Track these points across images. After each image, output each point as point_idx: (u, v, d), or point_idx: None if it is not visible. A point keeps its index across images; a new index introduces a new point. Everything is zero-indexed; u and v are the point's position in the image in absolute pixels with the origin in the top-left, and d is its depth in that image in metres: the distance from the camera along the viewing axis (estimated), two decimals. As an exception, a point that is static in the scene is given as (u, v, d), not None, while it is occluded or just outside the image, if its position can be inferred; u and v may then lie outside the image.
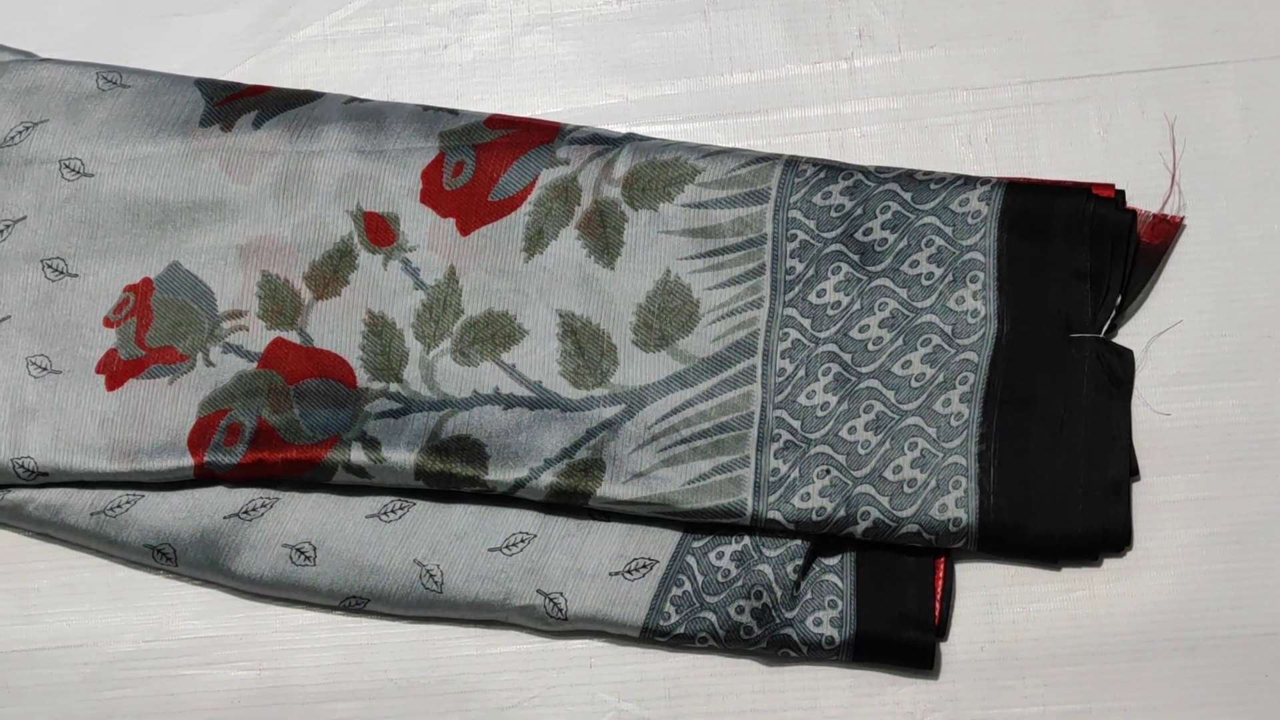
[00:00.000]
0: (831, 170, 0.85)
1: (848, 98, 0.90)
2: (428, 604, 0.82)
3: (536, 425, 0.82)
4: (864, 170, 0.85)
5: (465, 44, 0.93)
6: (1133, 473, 0.81)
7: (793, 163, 0.86)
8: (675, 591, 0.81)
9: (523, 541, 0.82)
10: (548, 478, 0.81)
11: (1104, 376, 0.82)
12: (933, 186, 0.84)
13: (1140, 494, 0.82)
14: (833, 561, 0.81)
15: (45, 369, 0.85)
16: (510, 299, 0.84)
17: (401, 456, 0.82)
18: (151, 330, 0.85)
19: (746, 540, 0.81)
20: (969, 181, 0.84)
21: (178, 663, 0.84)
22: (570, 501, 0.82)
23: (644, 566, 0.82)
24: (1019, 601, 0.81)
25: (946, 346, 0.82)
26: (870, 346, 0.82)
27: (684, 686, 0.82)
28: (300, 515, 0.83)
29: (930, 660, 0.80)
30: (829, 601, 0.80)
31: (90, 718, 0.84)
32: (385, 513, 0.83)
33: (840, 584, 0.81)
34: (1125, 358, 0.83)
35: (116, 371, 0.84)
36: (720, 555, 0.81)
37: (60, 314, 0.85)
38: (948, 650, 0.81)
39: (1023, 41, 0.89)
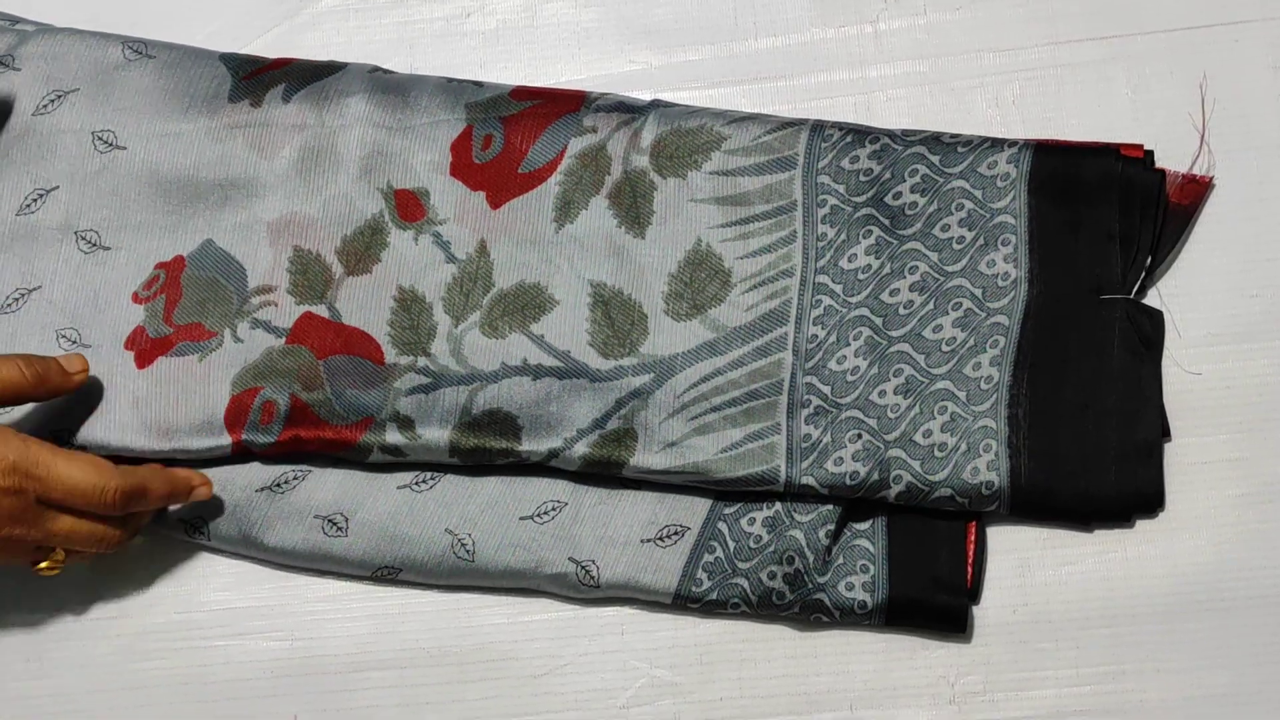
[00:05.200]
0: (858, 134, 0.85)
1: (873, 61, 0.90)
2: (460, 573, 0.82)
3: (566, 395, 0.82)
4: (890, 134, 0.85)
5: (488, 12, 0.93)
6: (1164, 434, 0.81)
7: (819, 127, 0.85)
8: (707, 558, 0.81)
9: (554, 510, 0.82)
10: (581, 448, 0.81)
11: (1134, 338, 0.81)
12: (960, 149, 0.84)
13: (1172, 455, 0.82)
14: (864, 526, 0.81)
15: (75, 342, 0.85)
16: (541, 270, 0.84)
17: (436, 434, 0.82)
18: (180, 308, 0.85)
19: (778, 506, 0.81)
20: (996, 144, 0.84)
21: (209, 634, 0.85)
22: (604, 471, 0.82)
23: (676, 534, 0.82)
24: (1051, 564, 0.81)
25: (977, 310, 0.82)
26: (901, 310, 0.82)
27: (716, 653, 0.82)
28: (331, 486, 0.83)
29: (963, 623, 0.80)
30: (861, 566, 0.80)
31: (123, 688, 0.84)
32: (416, 483, 0.83)
33: (872, 549, 0.81)
34: (1155, 319, 0.82)
35: (145, 349, 0.84)
36: (752, 521, 0.81)
37: (89, 287, 0.85)
38: (980, 613, 0.81)
39: (1049, 2, 0.89)
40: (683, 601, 0.81)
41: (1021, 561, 0.82)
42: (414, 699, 0.83)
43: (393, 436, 0.82)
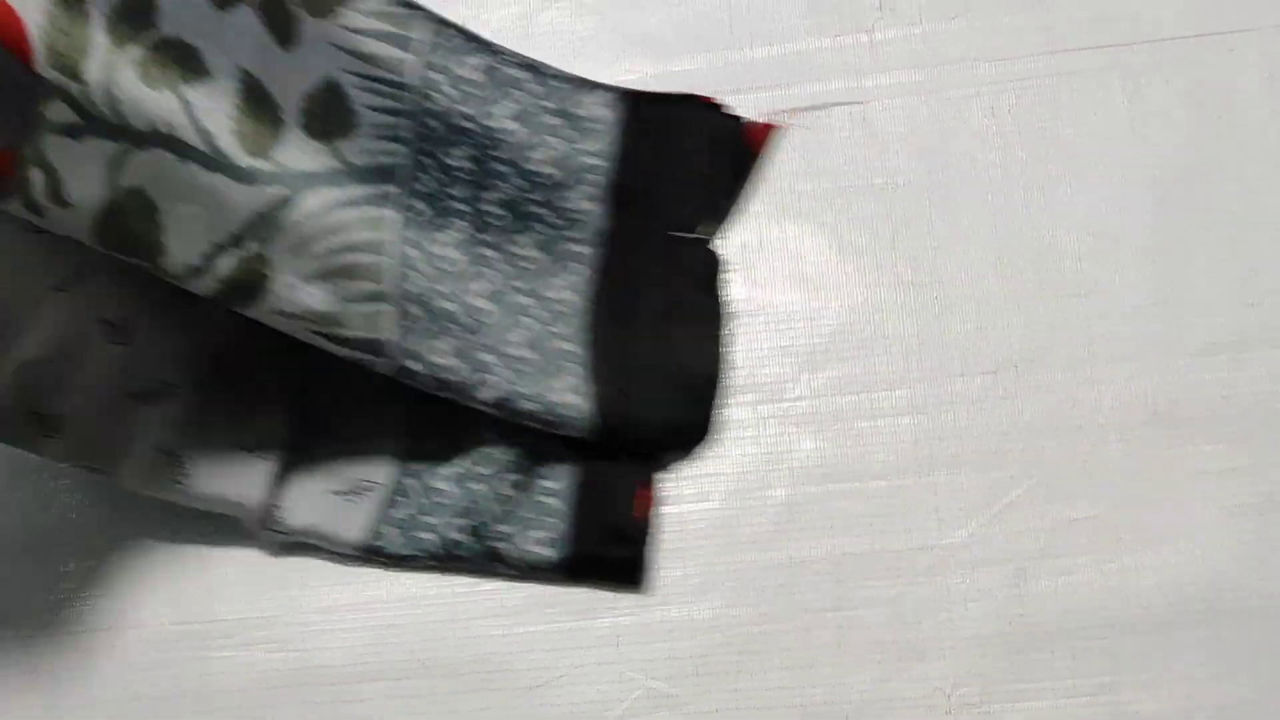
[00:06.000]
0: (475, 43, 0.87)
1: (869, 70, 0.89)
2: (167, 490, 0.83)
3: (203, 196, 0.77)
4: (499, 53, 0.88)
5: (483, 20, 0.93)
6: (719, 372, 0.85)
7: (443, 23, 0.87)
8: (395, 514, 0.84)
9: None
10: (223, 266, 0.77)
11: (703, 275, 0.86)
12: (558, 85, 0.88)
13: (1169, 464, 0.82)
14: (557, 485, 0.84)
15: None
16: (198, 34, 0.78)
17: (81, 192, 0.74)
18: None
19: (464, 463, 0.84)
20: (595, 88, 0.89)
21: (207, 645, 0.85)
22: (246, 298, 0.78)
23: (366, 489, 0.85)
24: (1047, 575, 0.81)
25: (558, 238, 0.86)
26: (490, 219, 0.85)
27: (711, 664, 0.82)
28: None
29: (638, 576, 0.83)
30: (549, 524, 0.83)
31: (120, 700, 0.84)
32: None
33: (561, 505, 0.84)
34: (718, 258, 0.87)
35: None
36: (436, 477, 0.85)
37: None
38: (976, 624, 0.81)
39: (1045, 11, 0.89)
40: (368, 554, 0.84)
41: (1018, 572, 0.82)
42: (410, 710, 0.83)
43: (39, 193, 0.73)
